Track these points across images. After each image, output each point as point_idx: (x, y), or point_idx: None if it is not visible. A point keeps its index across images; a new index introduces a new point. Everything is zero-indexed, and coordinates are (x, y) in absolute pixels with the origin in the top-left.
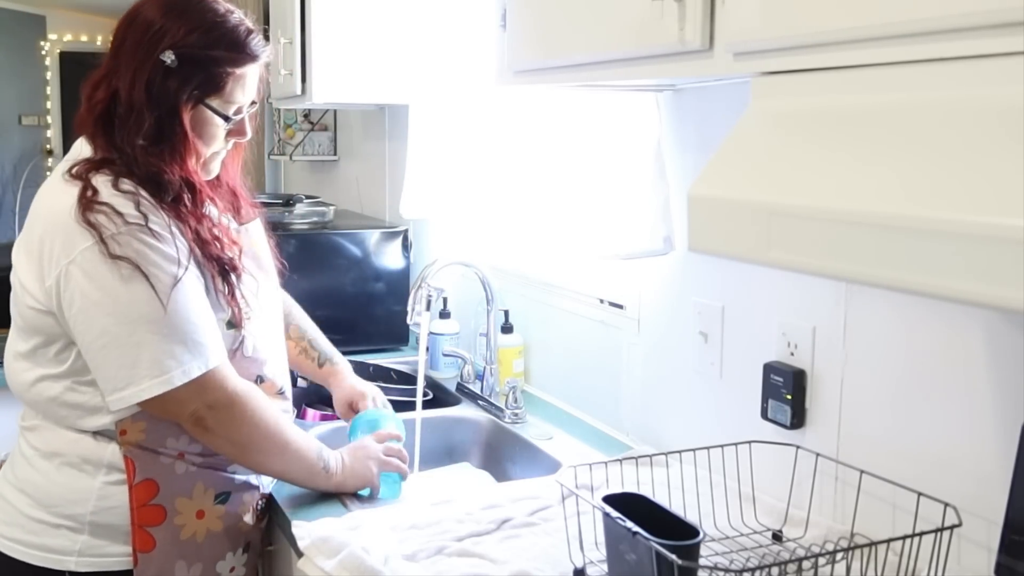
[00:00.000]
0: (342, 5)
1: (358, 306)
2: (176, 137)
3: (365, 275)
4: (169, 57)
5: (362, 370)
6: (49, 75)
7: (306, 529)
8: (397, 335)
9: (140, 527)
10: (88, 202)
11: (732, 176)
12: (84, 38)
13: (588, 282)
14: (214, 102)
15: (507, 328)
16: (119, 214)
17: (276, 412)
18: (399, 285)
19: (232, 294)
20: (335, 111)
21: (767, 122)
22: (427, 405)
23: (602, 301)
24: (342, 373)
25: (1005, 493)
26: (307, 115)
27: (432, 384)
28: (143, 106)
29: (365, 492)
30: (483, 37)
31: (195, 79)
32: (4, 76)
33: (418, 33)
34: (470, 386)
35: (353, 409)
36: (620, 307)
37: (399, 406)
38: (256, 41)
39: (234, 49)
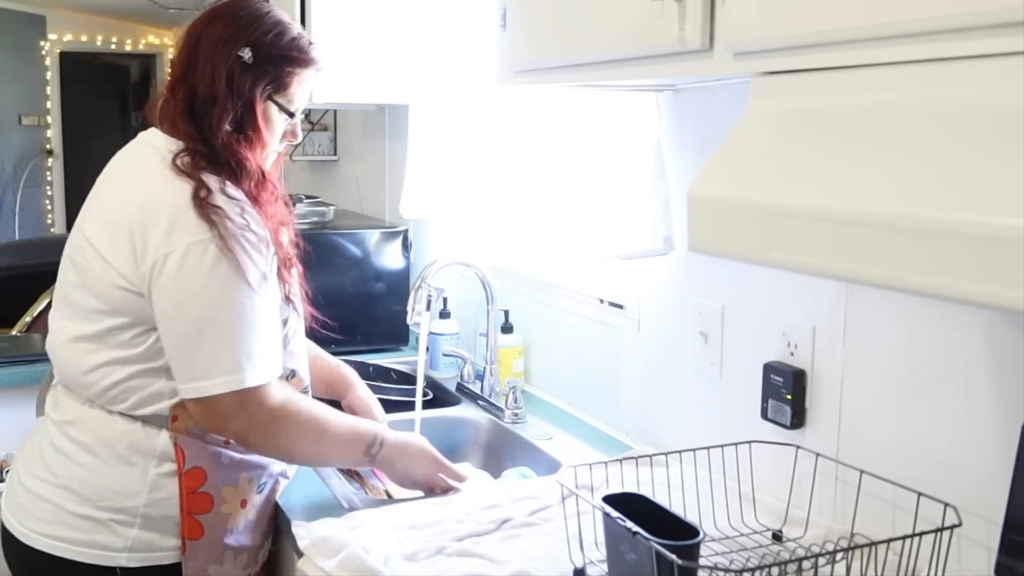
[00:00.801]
0: (342, 5)
1: (358, 306)
2: (251, 128)
3: (365, 275)
4: (247, 53)
5: (362, 370)
6: (49, 75)
7: (306, 529)
8: (397, 335)
9: (189, 514)
10: (202, 201)
11: (732, 176)
12: (84, 38)
13: (588, 282)
14: (280, 100)
15: (507, 328)
16: (229, 217)
17: (321, 414)
18: (399, 285)
19: (289, 291)
20: (335, 111)
21: (767, 122)
22: (427, 405)
23: (602, 301)
24: (355, 382)
25: (1005, 493)
26: (307, 115)
27: (432, 384)
28: (225, 97)
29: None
30: (483, 37)
31: (267, 76)
32: (4, 76)
33: (418, 33)
34: (470, 386)
35: None
36: (620, 307)
37: (399, 406)
38: (316, 50)
39: (301, 52)
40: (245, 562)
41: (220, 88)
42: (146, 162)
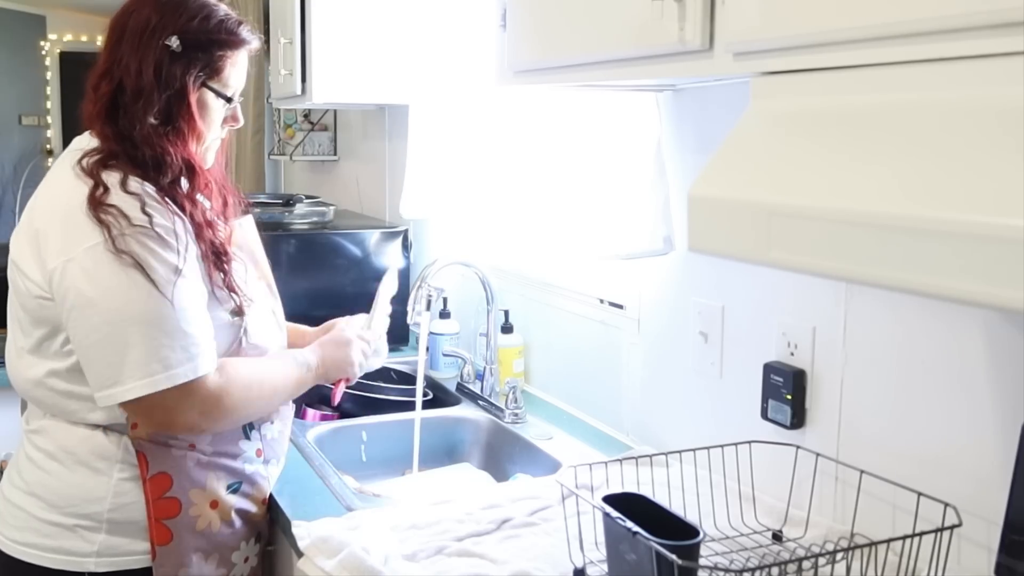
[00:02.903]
0: (342, 5)
1: (358, 306)
2: (183, 119)
3: (365, 275)
4: (174, 42)
5: None
6: (49, 75)
7: (306, 529)
8: (397, 335)
9: (157, 520)
10: (97, 201)
11: (732, 176)
12: (84, 38)
13: (588, 282)
14: (215, 85)
15: (507, 328)
16: (125, 216)
17: (254, 375)
18: (399, 285)
19: (228, 281)
20: (335, 111)
21: (767, 122)
22: (427, 405)
23: (602, 301)
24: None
25: (1005, 493)
26: (307, 115)
27: (432, 384)
28: (152, 89)
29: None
30: (483, 37)
31: (199, 63)
32: (4, 76)
33: (418, 33)
34: (470, 386)
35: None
36: (620, 307)
37: (399, 406)
38: (246, 29)
39: (230, 34)
40: (217, 562)
41: (147, 81)
42: (60, 167)
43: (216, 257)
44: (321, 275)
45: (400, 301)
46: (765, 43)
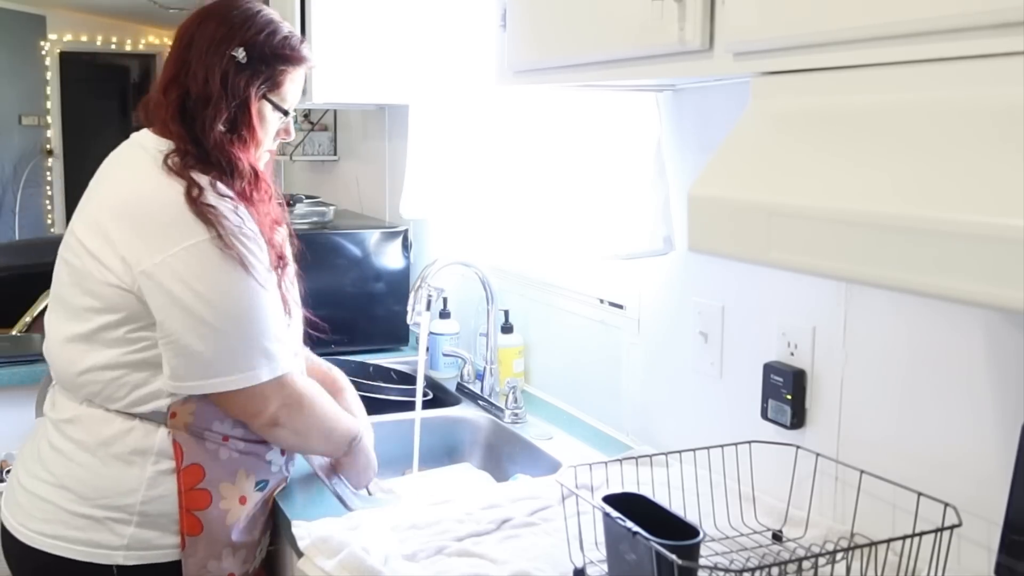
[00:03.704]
0: (342, 5)
1: (358, 306)
2: (245, 127)
3: (365, 275)
4: (240, 53)
5: (362, 370)
6: (49, 75)
7: (306, 529)
8: (397, 335)
9: (188, 511)
10: (195, 200)
11: (732, 176)
12: (84, 38)
13: (588, 282)
14: (274, 98)
15: (507, 328)
16: (224, 216)
17: (330, 403)
18: (399, 285)
19: (283, 285)
20: (335, 111)
21: (767, 122)
22: (427, 405)
23: (602, 301)
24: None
25: (1005, 493)
26: (307, 115)
27: (432, 384)
28: (220, 97)
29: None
30: (483, 37)
31: (261, 75)
32: (4, 76)
33: (418, 33)
34: (470, 386)
35: None
36: (620, 307)
37: (399, 406)
38: (307, 47)
39: (293, 51)
40: (244, 557)
41: (214, 88)
42: (137, 163)
43: (279, 261)
44: (321, 275)
45: (400, 301)
46: (765, 43)
